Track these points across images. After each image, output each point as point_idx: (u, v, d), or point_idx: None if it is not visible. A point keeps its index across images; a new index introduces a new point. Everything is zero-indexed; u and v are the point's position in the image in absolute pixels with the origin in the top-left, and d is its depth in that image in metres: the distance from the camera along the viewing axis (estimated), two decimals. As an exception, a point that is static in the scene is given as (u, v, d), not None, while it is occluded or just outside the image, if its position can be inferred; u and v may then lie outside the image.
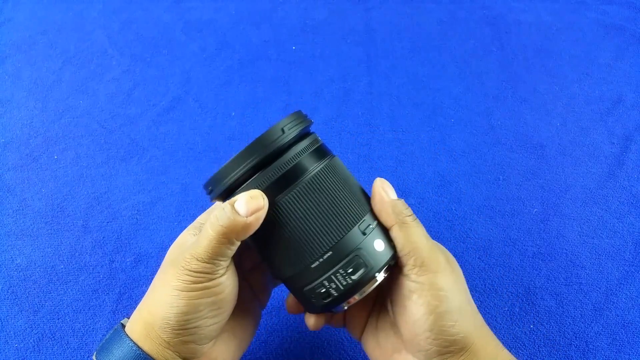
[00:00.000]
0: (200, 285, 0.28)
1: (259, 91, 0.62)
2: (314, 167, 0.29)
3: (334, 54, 0.66)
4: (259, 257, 0.37)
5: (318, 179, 0.29)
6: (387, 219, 0.30)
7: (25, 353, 0.43)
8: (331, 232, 0.28)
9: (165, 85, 0.62)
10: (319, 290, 0.29)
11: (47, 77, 0.62)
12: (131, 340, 0.29)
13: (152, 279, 0.46)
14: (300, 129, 0.30)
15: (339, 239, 0.28)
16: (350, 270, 0.28)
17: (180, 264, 0.29)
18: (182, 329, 0.29)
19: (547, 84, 0.62)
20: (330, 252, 0.28)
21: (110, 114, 0.59)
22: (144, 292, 0.45)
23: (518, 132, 0.58)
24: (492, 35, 0.68)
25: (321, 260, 0.28)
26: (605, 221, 0.51)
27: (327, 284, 0.29)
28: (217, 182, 0.30)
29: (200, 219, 0.34)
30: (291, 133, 0.29)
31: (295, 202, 0.28)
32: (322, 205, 0.28)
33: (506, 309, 0.45)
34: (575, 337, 0.44)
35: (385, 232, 0.31)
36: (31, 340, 0.43)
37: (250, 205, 0.28)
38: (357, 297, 0.29)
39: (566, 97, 0.61)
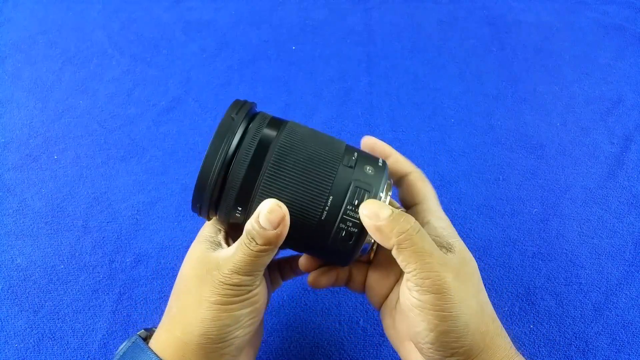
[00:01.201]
0: (240, 297, 0.29)
1: (259, 91, 0.62)
2: (276, 137, 0.30)
3: (334, 54, 0.66)
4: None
5: (285, 144, 0.30)
6: (384, 244, 0.29)
7: (25, 353, 0.43)
8: (322, 180, 0.29)
9: (165, 85, 0.62)
10: (340, 236, 0.29)
11: (47, 77, 0.62)
12: (157, 356, 0.29)
13: (152, 279, 0.47)
14: (245, 112, 0.31)
15: (331, 182, 0.29)
16: (356, 202, 0.29)
17: (217, 279, 0.29)
18: (222, 342, 0.29)
19: (547, 84, 0.62)
20: (331, 197, 0.29)
21: (110, 114, 0.59)
22: (144, 292, 0.46)
23: (518, 132, 0.58)
24: (492, 35, 0.68)
25: (327, 208, 0.29)
26: (605, 221, 0.51)
27: (343, 225, 0.29)
28: (201, 196, 0.30)
29: (207, 232, 0.33)
30: (240, 119, 0.30)
31: (278, 173, 0.29)
32: (301, 162, 0.29)
33: (506, 309, 0.45)
34: (575, 337, 0.44)
35: (370, 156, 0.31)
36: (31, 340, 0.43)
37: (272, 219, 0.28)
38: None
39: (566, 97, 0.61)
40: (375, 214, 0.28)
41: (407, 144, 0.57)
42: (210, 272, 0.29)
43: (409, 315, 0.29)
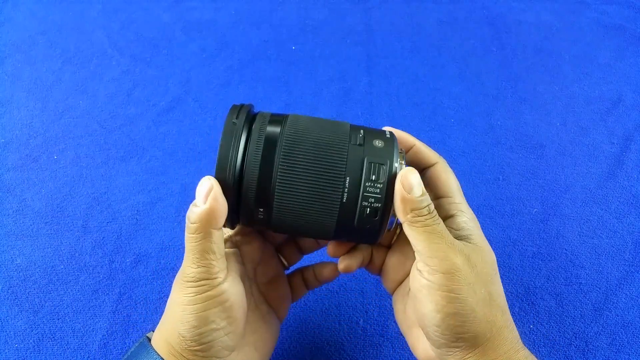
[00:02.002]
0: (203, 295, 0.29)
1: (259, 91, 0.62)
2: (281, 131, 0.30)
3: (334, 54, 0.66)
4: (293, 237, 0.38)
5: (291, 135, 0.30)
6: (399, 215, 0.30)
7: (25, 353, 0.43)
8: (335, 163, 0.29)
9: (165, 85, 0.62)
10: (365, 214, 0.29)
11: (47, 77, 0.62)
12: (160, 356, 0.29)
13: (152, 279, 0.47)
14: (245, 114, 0.31)
15: (345, 163, 0.29)
16: (374, 177, 0.29)
17: (180, 279, 0.30)
18: (198, 344, 0.29)
19: (547, 84, 0.62)
20: (347, 178, 0.29)
21: (110, 114, 0.59)
22: (144, 292, 0.46)
23: (518, 132, 0.58)
24: (492, 35, 0.68)
25: (346, 190, 0.29)
26: (605, 221, 0.51)
27: (366, 203, 0.29)
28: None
29: None
30: (241, 122, 0.30)
31: (290, 165, 0.29)
32: (311, 150, 0.29)
33: (506, 309, 0.45)
34: (575, 337, 0.44)
35: (375, 130, 0.32)
36: (31, 341, 0.43)
37: (200, 193, 0.29)
38: None
39: (566, 97, 0.61)
40: (410, 187, 0.29)
41: (407, 144, 0.57)
42: (179, 273, 0.30)
43: (417, 297, 0.30)
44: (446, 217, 0.32)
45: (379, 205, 0.29)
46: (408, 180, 0.29)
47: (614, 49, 0.66)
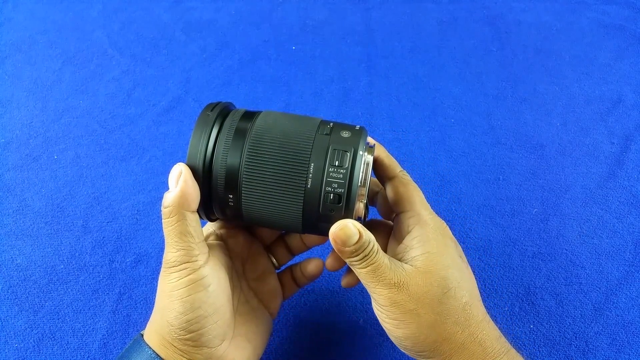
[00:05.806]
0: (185, 279, 0.29)
1: (259, 91, 0.61)
2: (252, 123, 0.31)
3: (334, 54, 0.66)
4: (275, 232, 0.39)
5: (261, 125, 0.31)
6: (341, 256, 0.31)
7: (25, 353, 0.43)
8: (301, 150, 0.30)
9: (165, 85, 0.62)
10: (329, 199, 0.30)
11: (47, 77, 0.62)
12: (151, 348, 0.30)
13: (152, 279, 0.47)
14: (220, 109, 0.32)
15: (310, 150, 0.30)
16: (337, 162, 0.30)
17: (163, 268, 0.30)
18: (187, 332, 0.29)
19: (547, 84, 0.62)
20: (312, 164, 0.30)
21: (110, 114, 0.59)
22: (144, 292, 0.46)
23: (518, 132, 0.58)
24: (492, 35, 0.68)
25: (310, 175, 0.30)
26: (605, 221, 0.50)
27: (329, 189, 0.30)
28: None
29: None
30: (215, 114, 0.31)
31: (257, 152, 0.30)
32: (278, 138, 0.30)
33: (506, 309, 0.45)
34: (575, 337, 0.44)
35: (346, 124, 0.32)
36: (31, 340, 0.43)
37: (172, 177, 0.30)
38: (363, 187, 0.31)
39: (566, 97, 0.61)
40: (343, 242, 0.29)
41: (407, 144, 0.57)
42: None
43: (379, 319, 0.32)
44: (405, 233, 0.33)
45: (342, 190, 0.30)
46: (338, 235, 0.29)
47: (614, 49, 0.66)
